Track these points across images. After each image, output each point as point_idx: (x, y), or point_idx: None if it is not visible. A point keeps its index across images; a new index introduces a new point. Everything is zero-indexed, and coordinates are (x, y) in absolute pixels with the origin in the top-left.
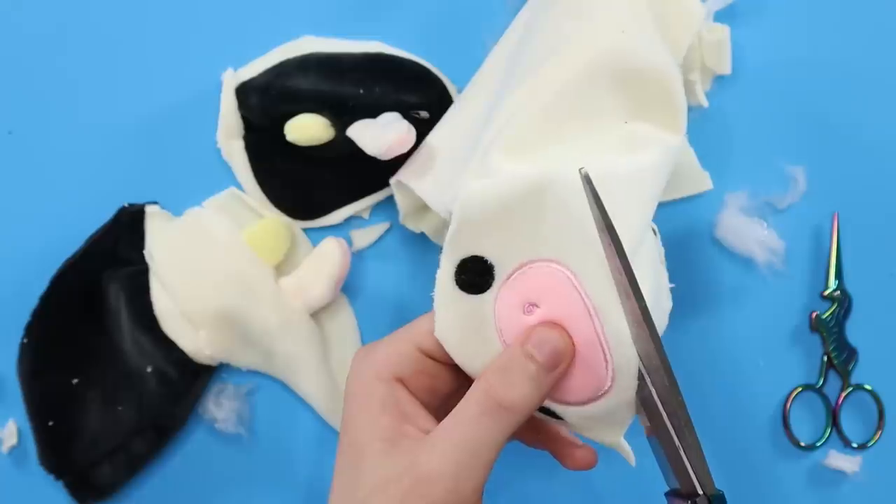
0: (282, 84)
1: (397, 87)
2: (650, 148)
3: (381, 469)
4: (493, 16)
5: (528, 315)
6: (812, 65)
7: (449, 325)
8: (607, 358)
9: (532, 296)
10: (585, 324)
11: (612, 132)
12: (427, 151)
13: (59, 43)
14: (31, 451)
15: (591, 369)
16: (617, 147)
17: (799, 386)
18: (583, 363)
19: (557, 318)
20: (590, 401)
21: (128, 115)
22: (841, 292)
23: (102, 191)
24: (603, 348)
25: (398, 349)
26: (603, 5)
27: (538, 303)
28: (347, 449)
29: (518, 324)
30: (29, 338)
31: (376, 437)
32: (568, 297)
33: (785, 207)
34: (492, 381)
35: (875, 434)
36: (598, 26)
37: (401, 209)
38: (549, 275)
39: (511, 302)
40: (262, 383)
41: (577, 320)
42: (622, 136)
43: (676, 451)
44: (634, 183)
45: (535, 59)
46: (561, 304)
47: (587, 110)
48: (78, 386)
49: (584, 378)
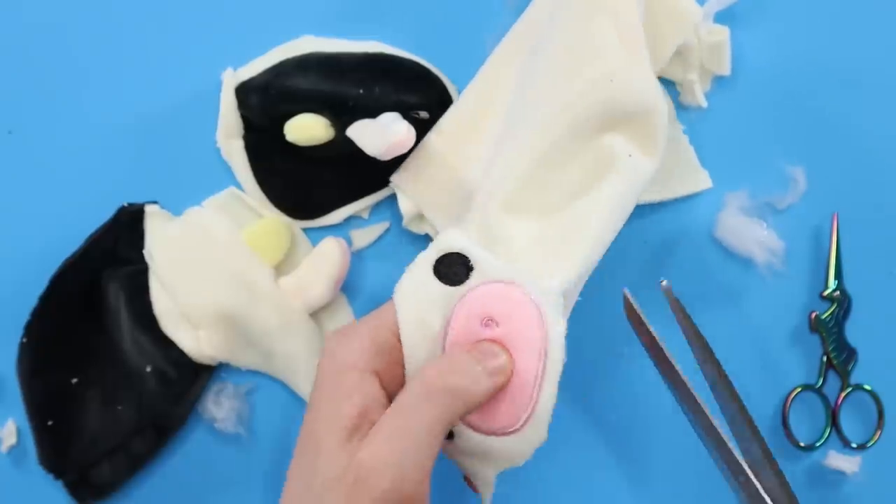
0: (282, 84)
1: (397, 87)
2: (621, 171)
3: (334, 464)
4: (493, 16)
5: (484, 328)
6: (811, 66)
7: (406, 300)
8: (533, 401)
9: (496, 312)
10: (532, 362)
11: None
12: (427, 155)
13: (60, 43)
14: (30, 450)
15: (513, 404)
16: (594, 171)
17: (798, 386)
18: (508, 396)
19: (509, 343)
20: (495, 433)
21: (128, 114)
22: (840, 292)
23: (102, 190)
24: (534, 391)
25: (378, 337)
26: (597, 38)
27: (499, 322)
28: (307, 439)
29: (470, 331)
30: (28, 337)
31: (334, 429)
32: (528, 331)
33: (785, 207)
34: (432, 370)
35: (875, 434)
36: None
37: (404, 213)
38: (522, 304)
39: (473, 309)
40: (261, 383)
41: (525, 355)
42: (598, 157)
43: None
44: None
45: (532, 103)
46: (520, 334)
47: (576, 153)
48: (77, 385)
49: (503, 409)
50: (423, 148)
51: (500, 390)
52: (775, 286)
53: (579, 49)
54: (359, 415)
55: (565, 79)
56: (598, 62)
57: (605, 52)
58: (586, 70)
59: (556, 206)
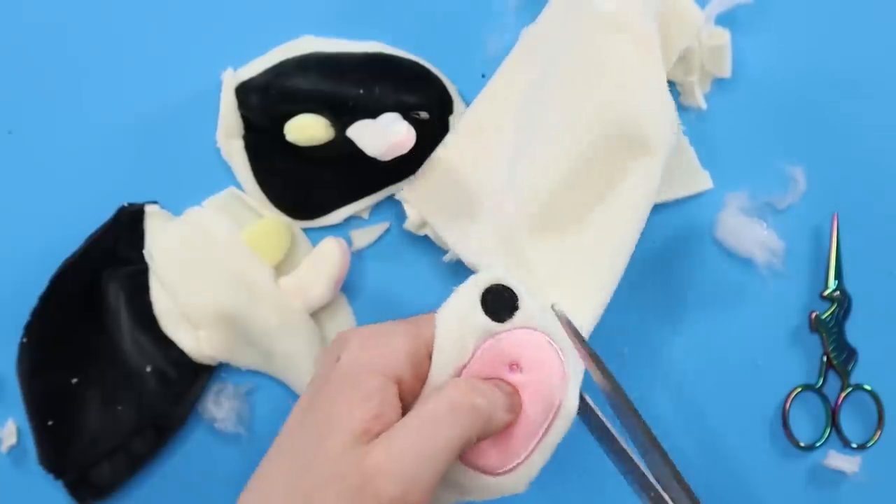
0: (282, 84)
1: (397, 87)
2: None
3: (339, 462)
4: (493, 16)
5: (509, 371)
6: (811, 68)
7: (450, 321)
8: (528, 452)
9: (525, 359)
10: (540, 415)
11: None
12: (436, 169)
13: (59, 43)
14: (30, 450)
15: (506, 449)
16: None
17: (798, 386)
18: (505, 439)
19: (526, 389)
20: (476, 467)
21: (128, 114)
22: (840, 292)
23: (102, 190)
24: (531, 443)
25: (412, 348)
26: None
27: (524, 369)
28: (312, 427)
29: (493, 369)
30: (29, 337)
31: (345, 428)
32: (548, 389)
33: (785, 208)
34: (457, 389)
35: (875, 434)
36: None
37: (410, 222)
38: (553, 364)
39: (505, 349)
40: (261, 383)
41: (538, 408)
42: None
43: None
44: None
45: (551, 125)
46: (540, 386)
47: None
48: (77, 385)
49: (495, 450)
50: (432, 162)
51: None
52: (775, 286)
53: (598, 70)
54: (373, 418)
55: (585, 100)
56: (616, 83)
57: (624, 73)
58: (605, 91)
59: (577, 226)
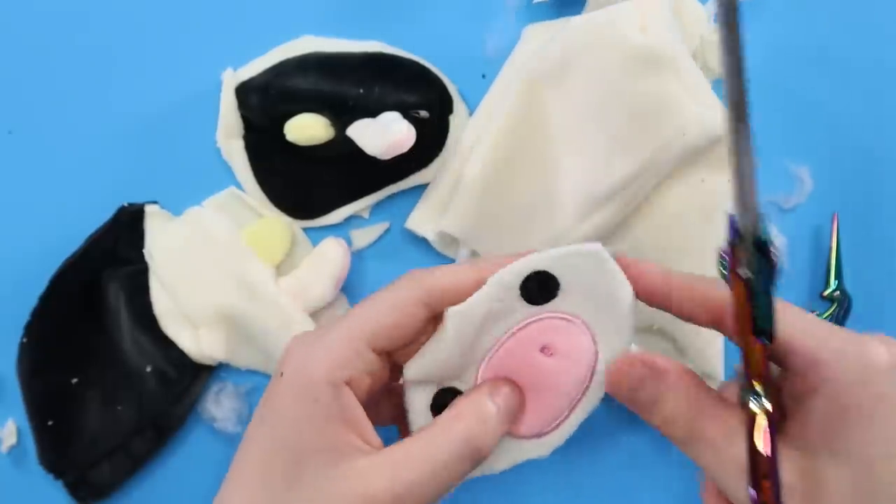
0: (282, 84)
1: (397, 87)
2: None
3: (325, 483)
4: (493, 16)
5: (542, 354)
6: (812, 66)
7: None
8: (559, 420)
9: (558, 343)
10: (574, 389)
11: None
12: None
13: (59, 43)
14: (30, 450)
15: (538, 416)
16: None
17: None
18: (539, 406)
19: (560, 371)
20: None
21: (128, 114)
22: (841, 293)
23: (102, 190)
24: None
25: (353, 348)
26: (663, 95)
27: (557, 353)
28: (283, 452)
29: (524, 355)
30: (29, 337)
31: (320, 447)
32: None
33: (791, 207)
34: (475, 431)
35: None
36: (664, 132)
37: (435, 240)
38: (584, 341)
39: (535, 334)
40: (261, 383)
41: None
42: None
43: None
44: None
45: (609, 165)
46: (572, 367)
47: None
48: (77, 385)
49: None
50: (466, 185)
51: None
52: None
53: (648, 109)
54: (343, 432)
55: (642, 138)
56: (669, 120)
57: (675, 108)
58: (661, 129)
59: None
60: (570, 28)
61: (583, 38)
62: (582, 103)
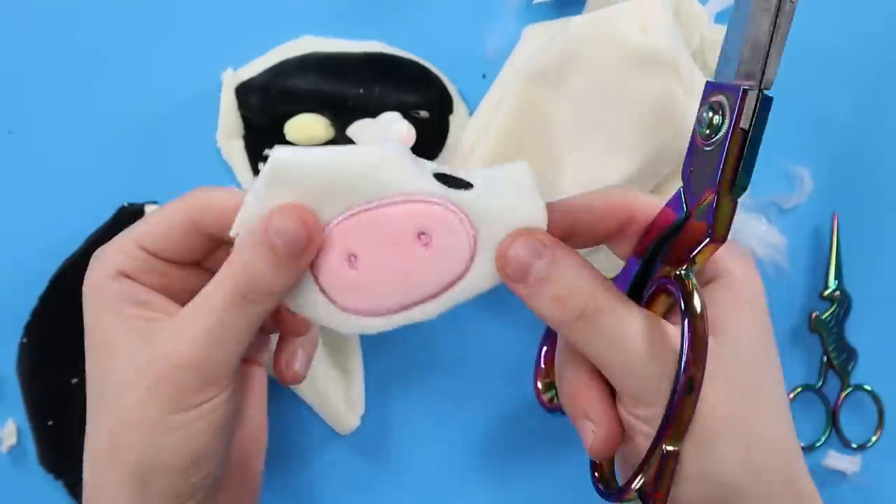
0: (282, 84)
1: (397, 87)
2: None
3: (132, 361)
4: (493, 16)
5: (419, 242)
6: (813, 65)
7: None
8: (407, 305)
9: (439, 237)
10: (424, 292)
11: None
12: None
13: (59, 43)
14: (30, 450)
15: (388, 294)
16: None
17: (798, 386)
18: (389, 288)
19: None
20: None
21: (128, 114)
22: (841, 293)
23: (102, 190)
24: (410, 301)
25: (121, 246)
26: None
27: (431, 246)
28: (94, 349)
29: (399, 235)
30: (29, 337)
31: (123, 330)
32: (441, 274)
33: (791, 207)
34: (238, 272)
35: (874, 434)
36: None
37: None
38: (464, 243)
39: (419, 217)
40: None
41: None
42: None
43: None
44: None
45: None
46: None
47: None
48: (77, 385)
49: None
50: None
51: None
52: (776, 286)
53: (648, 110)
54: (142, 312)
55: (642, 139)
56: (669, 121)
57: (675, 109)
58: (660, 129)
59: None
60: (570, 28)
61: (583, 39)
62: (582, 103)
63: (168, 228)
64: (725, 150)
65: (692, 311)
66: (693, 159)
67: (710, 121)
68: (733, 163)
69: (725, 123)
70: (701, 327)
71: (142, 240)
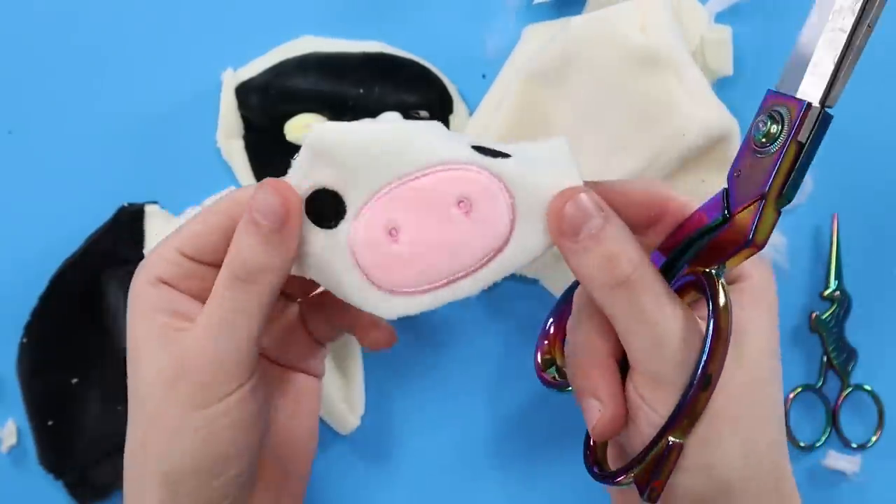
0: (282, 84)
1: (397, 87)
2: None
3: (155, 363)
4: (493, 16)
5: (459, 210)
6: None
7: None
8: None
9: (480, 204)
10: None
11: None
12: None
13: (60, 43)
14: (30, 450)
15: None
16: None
17: (798, 386)
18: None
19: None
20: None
21: (128, 114)
22: (841, 293)
23: (102, 191)
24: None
25: (160, 253)
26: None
27: (473, 212)
28: (130, 355)
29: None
30: (29, 337)
31: (152, 336)
32: (484, 242)
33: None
34: (230, 256)
35: (874, 434)
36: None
37: None
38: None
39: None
40: None
41: (477, 247)
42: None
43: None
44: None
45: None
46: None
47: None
48: (77, 385)
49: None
50: None
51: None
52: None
53: (648, 110)
54: (172, 320)
55: (642, 138)
56: (669, 121)
57: (674, 108)
58: (660, 129)
59: None
60: (570, 28)
61: (583, 39)
62: (582, 103)
63: (207, 230)
64: (781, 160)
65: (718, 310)
66: (742, 164)
67: (767, 129)
68: (785, 173)
69: (783, 134)
70: (725, 327)
71: (182, 244)
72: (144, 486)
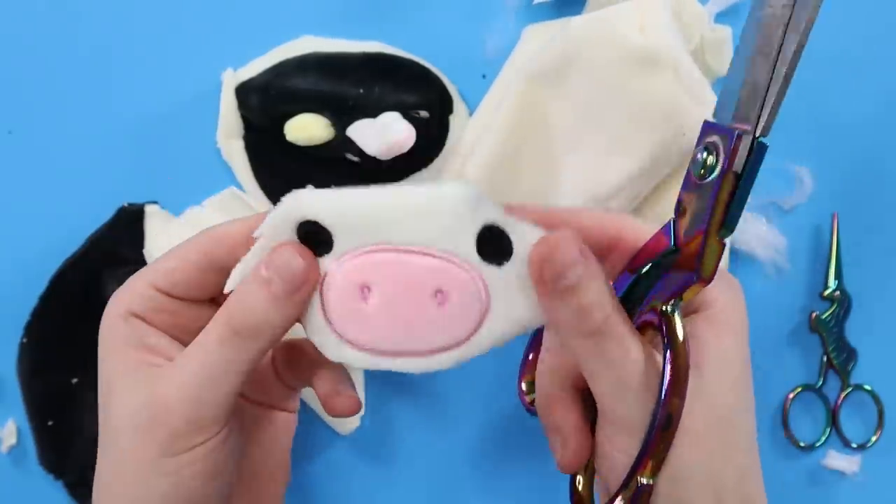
0: (281, 84)
1: (397, 87)
2: None
3: (127, 403)
4: (493, 16)
5: (435, 301)
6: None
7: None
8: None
9: (456, 297)
10: (435, 345)
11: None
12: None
13: (59, 43)
14: (30, 450)
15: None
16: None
17: (798, 386)
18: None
19: (439, 321)
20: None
21: (128, 114)
22: (841, 292)
23: (102, 190)
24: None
25: (132, 287)
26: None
27: (449, 302)
28: (101, 388)
29: (417, 292)
30: (29, 337)
31: (121, 372)
32: (456, 332)
33: (791, 208)
34: (232, 309)
35: (874, 434)
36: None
37: None
38: (479, 306)
39: (434, 273)
40: None
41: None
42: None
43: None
44: None
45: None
46: (451, 326)
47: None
48: (77, 385)
49: (390, 334)
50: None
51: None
52: (776, 286)
53: (648, 110)
54: (143, 355)
55: (642, 139)
56: (669, 121)
57: (674, 108)
58: (660, 129)
59: None
60: (570, 28)
61: (583, 39)
62: (582, 103)
63: (181, 265)
64: (716, 192)
65: (675, 350)
66: (684, 196)
67: (704, 161)
68: (723, 206)
69: (719, 165)
70: (683, 365)
71: (155, 279)
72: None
